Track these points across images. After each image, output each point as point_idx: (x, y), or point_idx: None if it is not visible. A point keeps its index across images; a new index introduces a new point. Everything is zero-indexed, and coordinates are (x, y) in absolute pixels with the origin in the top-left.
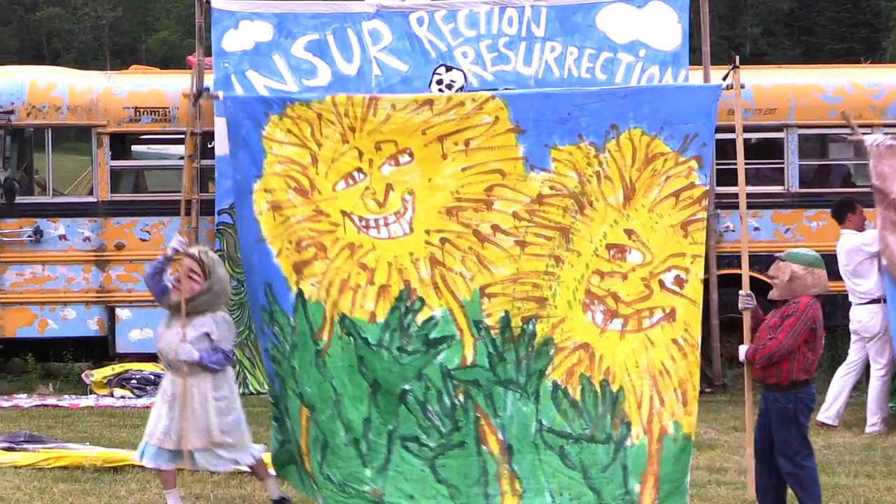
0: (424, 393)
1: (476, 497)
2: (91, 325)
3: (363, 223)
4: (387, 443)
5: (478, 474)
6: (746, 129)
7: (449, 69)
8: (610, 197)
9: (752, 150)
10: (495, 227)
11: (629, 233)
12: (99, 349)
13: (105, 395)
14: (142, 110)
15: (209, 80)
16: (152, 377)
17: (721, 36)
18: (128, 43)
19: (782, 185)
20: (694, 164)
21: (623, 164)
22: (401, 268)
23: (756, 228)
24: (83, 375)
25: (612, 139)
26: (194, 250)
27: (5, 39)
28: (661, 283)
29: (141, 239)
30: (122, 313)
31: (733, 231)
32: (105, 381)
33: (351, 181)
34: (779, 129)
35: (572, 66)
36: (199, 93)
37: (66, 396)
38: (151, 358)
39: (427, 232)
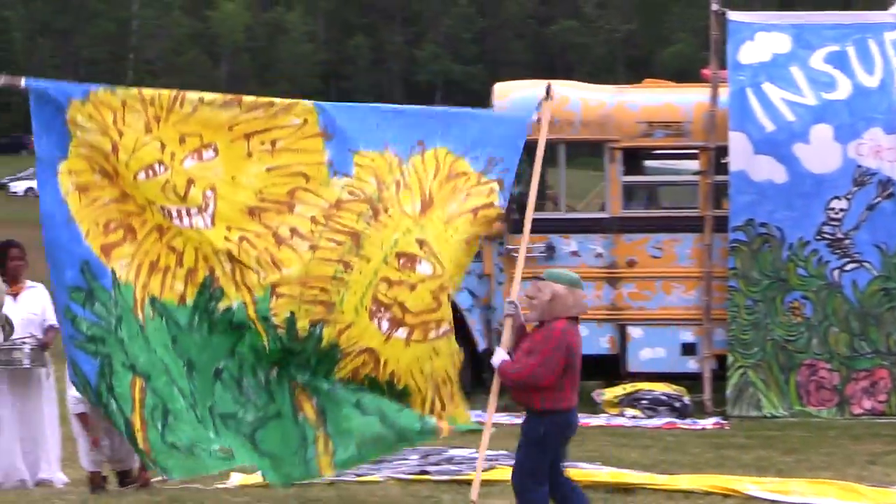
0: (239, 368)
1: (298, 465)
2: (602, 342)
3: (166, 212)
4: (210, 416)
5: (297, 442)
6: None
7: None
8: (406, 205)
9: None
10: (293, 231)
11: (421, 243)
12: (610, 367)
13: (616, 415)
14: (655, 125)
15: (724, 94)
16: (664, 398)
17: None
18: (642, 56)
19: None
20: (496, 185)
21: (424, 176)
22: (205, 255)
23: None
24: (594, 394)
25: (416, 153)
26: None
27: (518, 53)
28: (450, 298)
29: (652, 256)
30: (634, 331)
31: None
32: (616, 400)
33: (151, 173)
34: None
35: None
36: None
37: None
38: (663, 378)
39: (228, 228)
